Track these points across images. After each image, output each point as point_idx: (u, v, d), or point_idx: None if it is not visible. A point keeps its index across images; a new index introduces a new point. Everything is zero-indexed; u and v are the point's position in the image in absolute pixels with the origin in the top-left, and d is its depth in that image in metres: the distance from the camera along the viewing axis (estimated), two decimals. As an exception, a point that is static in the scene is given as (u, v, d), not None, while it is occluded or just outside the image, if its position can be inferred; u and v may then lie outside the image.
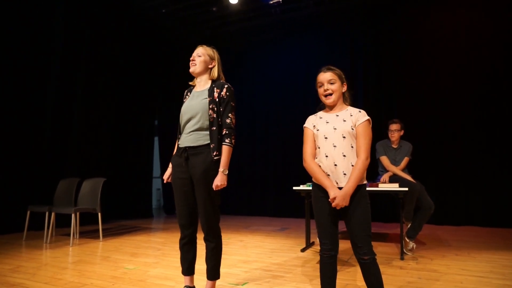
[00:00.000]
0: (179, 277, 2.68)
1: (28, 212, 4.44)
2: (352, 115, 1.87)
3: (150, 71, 7.23)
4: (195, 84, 2.33)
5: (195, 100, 2.21)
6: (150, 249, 3.93)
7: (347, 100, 1.97)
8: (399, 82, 6.25)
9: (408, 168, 3.99)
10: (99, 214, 4.48)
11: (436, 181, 5.74)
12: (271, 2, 6.74)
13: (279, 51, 7.53)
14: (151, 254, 3.66)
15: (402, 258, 3.33)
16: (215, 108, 2.15)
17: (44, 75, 5.47)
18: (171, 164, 2.29)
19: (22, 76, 5.17)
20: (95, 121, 6.06)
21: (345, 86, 1.95)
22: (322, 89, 1.91)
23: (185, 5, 6.84)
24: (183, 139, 2.20)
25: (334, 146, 1.83)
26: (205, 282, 2.26)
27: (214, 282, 2.25)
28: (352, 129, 1.84)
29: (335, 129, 1.84)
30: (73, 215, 4.24)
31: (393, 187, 3.45)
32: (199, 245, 2.28)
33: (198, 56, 2.25)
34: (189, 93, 2.33)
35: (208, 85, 2.26)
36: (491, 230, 5.11)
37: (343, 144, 1.82)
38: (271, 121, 7.48)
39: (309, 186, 3.71)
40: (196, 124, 2.16)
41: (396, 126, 3.96)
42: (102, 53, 6.18)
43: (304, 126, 1.97)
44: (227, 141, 2.13)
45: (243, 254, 3.65)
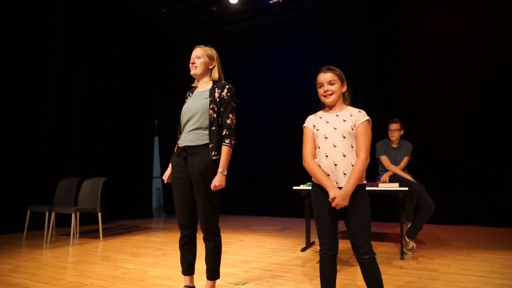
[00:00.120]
0: (179, 277, 2.68)
1: (28, 212, 4.44)
2: (352, 115, 1.88)
3: (150, 71, 7.23)
4: (197, 85, 2.34)
5: (196, 100, 2.22)
6: (150, 249, 3.93)
7: (347, 100, 1.98)
8: (399, 82, 6.26)
9: (408, 168, 3.99)
10: (99, 214, 4.49)
11: (436, 181, 5.74)
12: (271, 2, 6.75)
13: (279, 51, 7.53)
14: (151, 254, 3.67)
15: (402, 258, 3.33)
16: (216, 108, 2.16)
17: (44, 75, 5.46)
18: (171, 164, 2.29)
19: (22, 76, 5.17)
20: (95, 121, 6.06)
21: (345, 86, 1.95)
22: (322, 90, 1.91)
23: (185, 5, 6.85)
24: (183, 139, 2.20)
25: (334, 146, 1.83)
26: (205, 282, 2.26)
27: (214, 282, 2.25)
28: (352, 129, 1.84)
29: (335, 129, 1.85)
30: (73, 215, 4.25)
31: (393, 187, 3.45)
32: (199, 245, 2.28)
33: (198, 58, 2.25)
34: (191, 94, 2.34)
35: (210, 86, 2.26)
36: (491, 230, 5.12)
37: (343, 144, 1.82)
38: (271, 121, 7.48)
39: (309, 186, 3.71)
40: (196, 123, 2.16)
41: (396, 126, 3.96)
42: (102, 53, 6.18)
43: (304, 126, 1.97)
44: (227, 142, 2.12)
45: (243, 254, 3.65)
